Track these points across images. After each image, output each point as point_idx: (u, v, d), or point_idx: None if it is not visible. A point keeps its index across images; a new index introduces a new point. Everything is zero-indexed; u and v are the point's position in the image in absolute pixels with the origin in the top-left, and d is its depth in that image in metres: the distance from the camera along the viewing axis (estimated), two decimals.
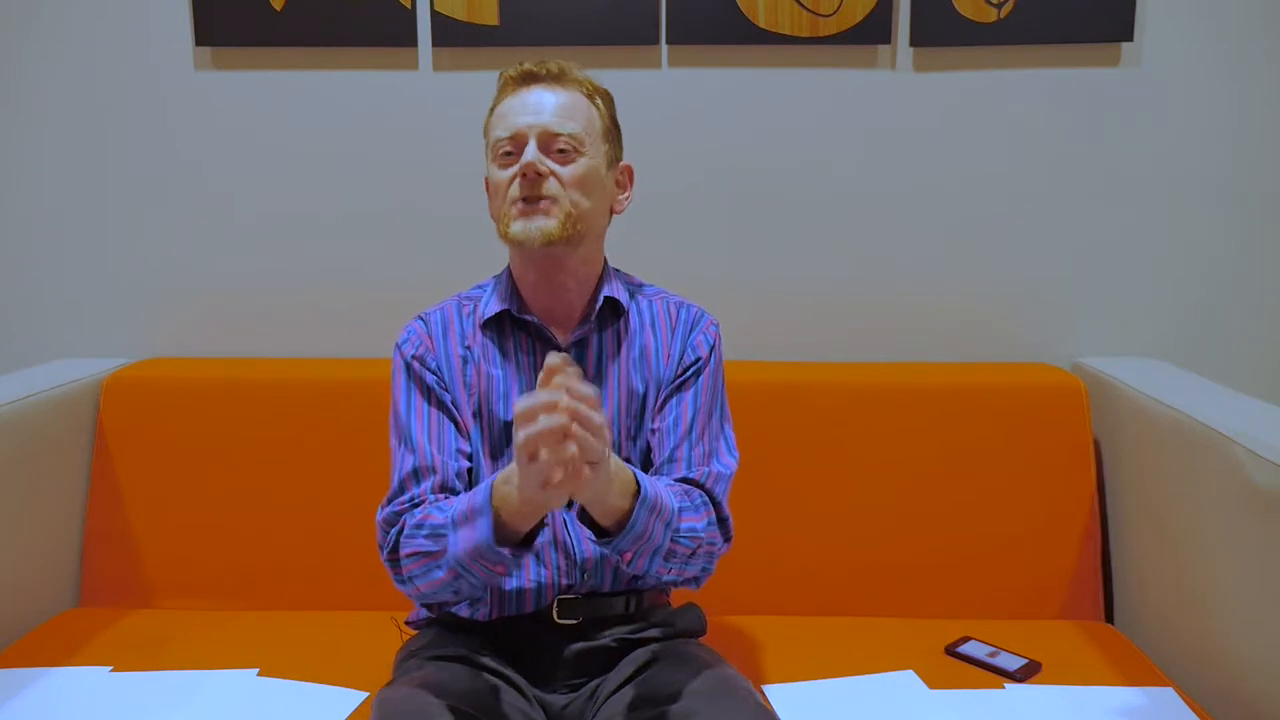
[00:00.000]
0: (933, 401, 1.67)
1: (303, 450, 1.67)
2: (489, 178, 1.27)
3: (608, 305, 1.30)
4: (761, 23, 1.76)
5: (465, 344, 1.30)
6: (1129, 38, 1.76)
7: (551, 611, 1.25)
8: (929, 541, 1.64)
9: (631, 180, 1.33)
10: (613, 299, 1.30)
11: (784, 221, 1.84)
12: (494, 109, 1.27)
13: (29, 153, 1.85)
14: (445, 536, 1.11)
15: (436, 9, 1.77)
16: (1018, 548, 1.63)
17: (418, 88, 1.82)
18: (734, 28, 1.76)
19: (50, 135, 1.84)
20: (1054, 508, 1.64)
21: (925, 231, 1.84)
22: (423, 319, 1.33)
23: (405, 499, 1.23)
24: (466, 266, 1.47)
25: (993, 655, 1.44)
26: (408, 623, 1.36)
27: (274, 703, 1.32)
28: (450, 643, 1.25)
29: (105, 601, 1.66)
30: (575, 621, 1.25)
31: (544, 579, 1.26)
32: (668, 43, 1.78)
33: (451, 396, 1.28)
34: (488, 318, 1.29)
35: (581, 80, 1.26)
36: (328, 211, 1.85)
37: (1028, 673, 1.40)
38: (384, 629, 1.48)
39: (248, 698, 1.33)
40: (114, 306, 1.89)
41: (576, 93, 1.24)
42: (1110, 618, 1.64)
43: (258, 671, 1.39)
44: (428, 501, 1.21)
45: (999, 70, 1.79)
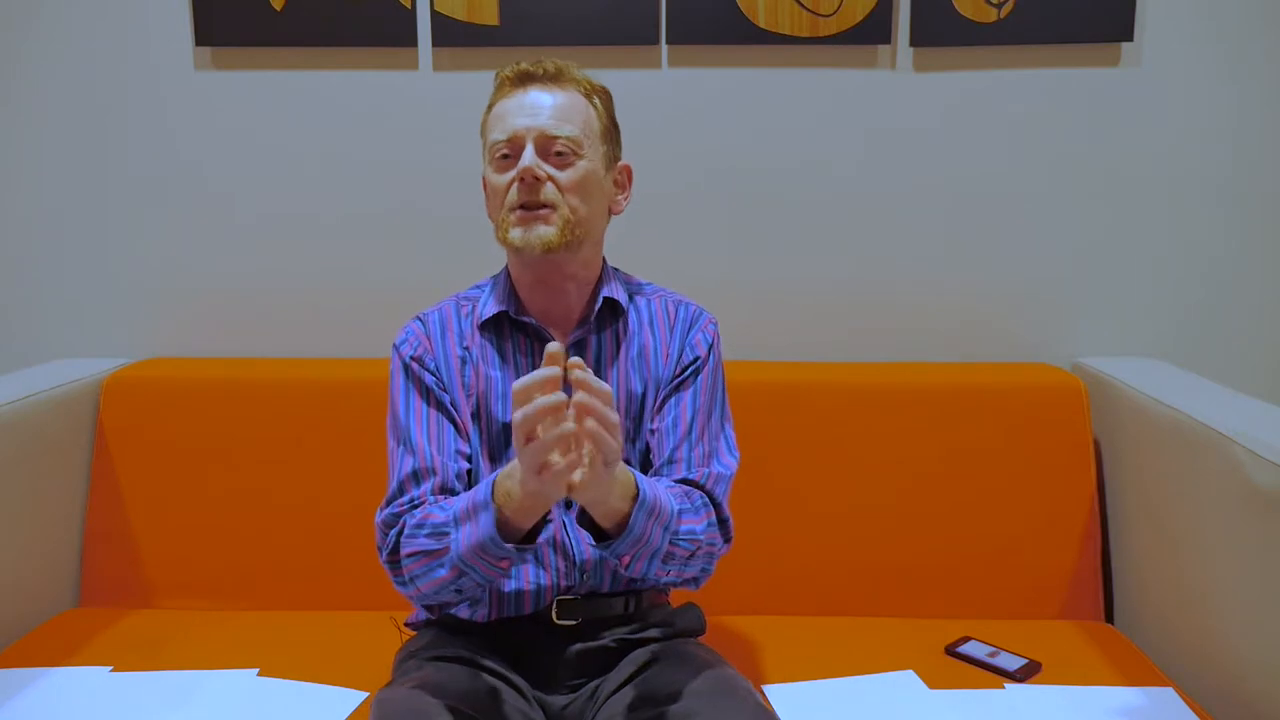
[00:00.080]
0: (933, 401, 1.67)
1: (303, 450, 1.67)
2: (486, 178, 1.26)
3: (606, 306, 1.29)
4: (761, 23, 1.76)
5: (464, 345, 1.29)
6: (1129, 38, 1.76)
7: (551, 612, 1.25)
8: (929, 541, 1.64)
9: (630, 180, 1.32)
10: (612, 300, 1.29)
11: (784, 221, 1.84)
12: (490, 108, 1.25)
13: (29, 153, 1.85)
14: (447, 535, 1.10)
15: (436, 9, 1.77)
16: (1018, 548, 1.63)
17: (418, 88, 1.82)
18: (734, 28, 1.76)
19: (50, 135, 1.84)
20: (1054, 508, 1.64)
21: (925, 231, 1.84)
22: (420, 319, 1.32)
23: (405, 500, 1.21)
24: (466, 266, 1.47)
25: (993, 655, 1.44)
26: (407, 624, 1.36)
27: (274, 703, 1.32)
28: (450, 644, 1.24)
29: (105, 601, 1.66)
30: (574, 622, 1.25)
31: (543, 581, 1.25)
32: (668, 43, 1.78)
33: (450, 397, 1.27)
34: (486, 319, 1.28)
35: (579, 79, 1.24)
36: (328, 211, 1.85)
37: (1028, 673, 1.40)
38: (384, 629, 1.48)
39: (248, 698, 1.33)
40: (114, 306, 1.89)
41: (574, 92, 1.23)
42: (1110, 618, 1.64)
43: (258, 671, 1.39)
44: (428, 503, 1.20)
45: (999, 70, 1.79)
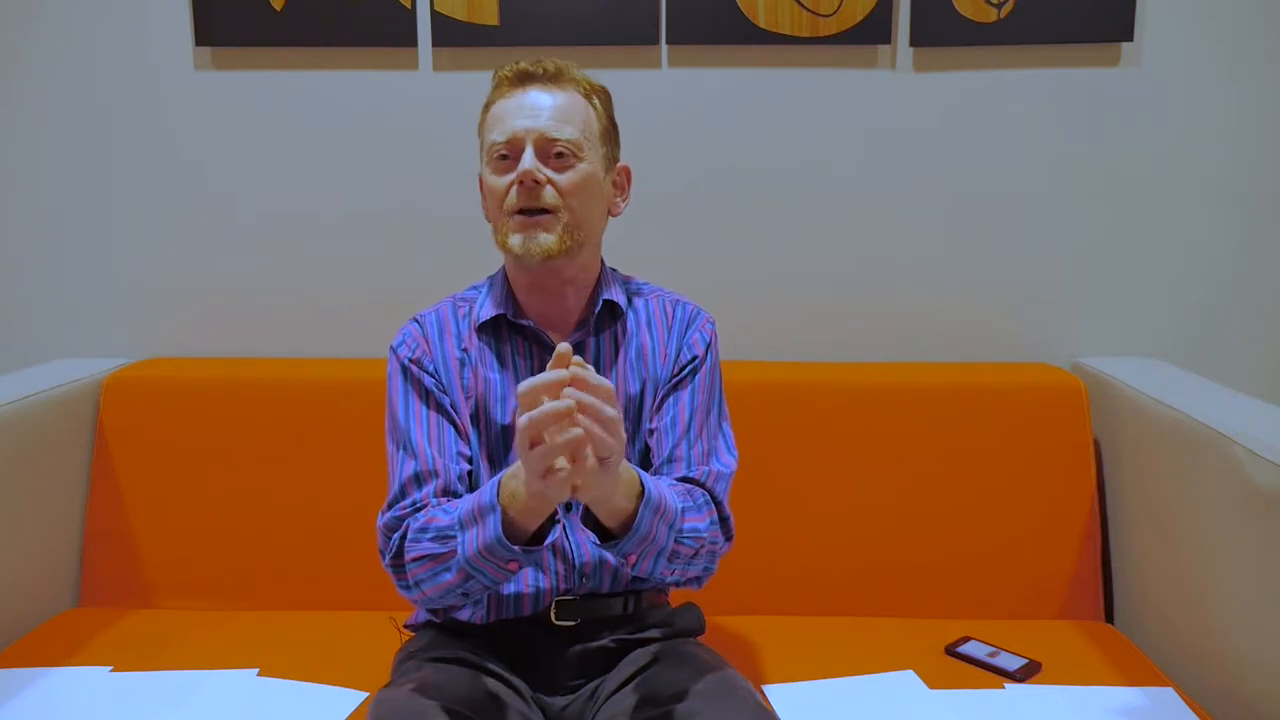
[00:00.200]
0: (933, 401, 1.67)
1: (303, 450, 1.67)
2: (483, 179, 1.25)
3: (605, 308, 1.29)
4: (761, 23, 1.76)
5: (462, 346, 1.28)
6: (1129, 38, 1.76)
7: (550, 613, 1.25)
8: (929, 541, 1.64)
9: (629, 182, 1.31)
10: (611, 302, 1.28)
11: (784, 221, 1.84)
12: (488, 108, 1.24)
13: (29, 153, 1.85)
14: (453, 538, 1.10)
15: (436, 9, 1.77)
16: (1018, 548, 1.63)
17: (418, 88, 1.82)
18: (734, 28, 1.76)
19: (50, 135, 1.84)
20: (1054, 508, 1.64)
21: (925, 231, 1.83)
22: (418, 321, 1.30)
23: (407, 504, 1.20)
24: (466, 266, 1.47)
25: (993, 655, 1.44)
26: (406, 625, 1.36)
27: (274, 703, 1.32)
28: (449, 645, 1.24)
29: (105, 601, 1.66)
30: (574, 623, 1.25)
31: (542, 584, 1.25)
32: (668, 43, 1.78)
33: (450, 399, 1.26)
34: (483, 321, 1.28)
35: (579, 80, 1.23)
36: (328, 211, 1.85)
37: (1028, 673, 1.40)
38: (384, 629, 1.48)
39: (248, 698, 1.33)
40: (114, 306, 1.89)
41: (574, 93, 1.22)
42: (1110, 618, 1.64)
43: (258, 671, 1.39)
44: (430, 505, 1.19)
45: (999, 70, 1.79)
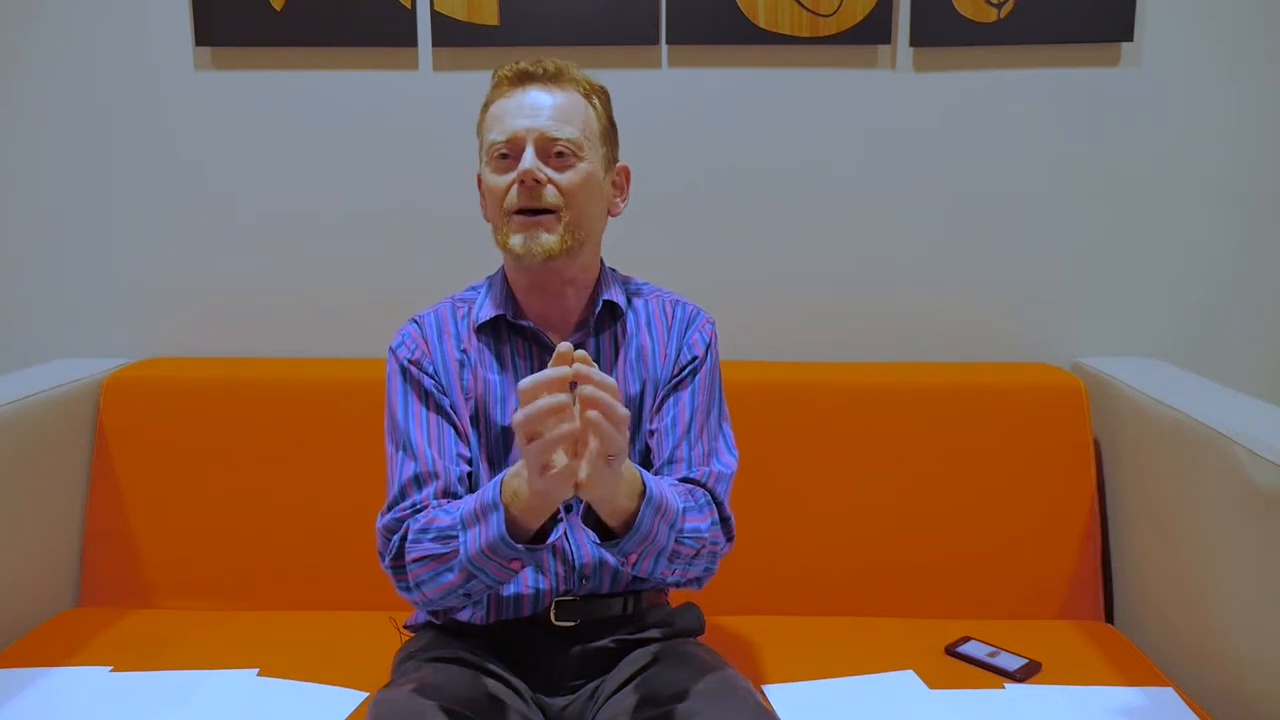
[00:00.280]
0: (933, 401, 1.67)
1: (303, 450, 1.67)
2: (483, 179, 1.25)
3: (605, 309, 1.29)
4: (761, 23, 1.76)
5: (461, 347, 1.28)
6: (1129, 38, 1.76)
7: (549, 614, 1.24)
8: (929, 541, 1.64)
9: (628, 182, 1.31)
10: (611, 303, 1.28)
11: (784, 221, 1.84)
12: (488, 107, 1.24)
13: (29, 153, 1.85)
14: (455, 538, 1.09)
15: (436, 9, 1.77)
16: (1018, 548, 1.63)
17: (418, 88, 1.82)
18: (734, 28, 1.76)
19: (50, 135, 1.84)
20: (1054, 508, 1.64)
21: (925, 231, 1.83)
22: (416, 322, 1.30)
23: (407, 505, 1.20)
24: (466, 266, 1.47)
25: (993, 655, 1.44)
26: (406, 625, 1.36)
27: (274, 703, 1.32)
28: (449, 645, 1.24)
29: (105, 601, 1.66)
30: (573, 623, 1.25)
31: (542, 585, 1.25)
32: (668, 43, 1.78)
33: (450, 400, 1.26)
34: (483, 322, 1.27)
35: (579, 79, 1.23)
36: (328, 211, 1.85)
37: (1028, 673, 1.40)
38: (384, 629, 1.48)
39: (248, 698, 1.33)
40: (114, 306, 1.89)
41: (574, 92, 1.22)
42: (1110, 618, 1.64)
43: (258, 671, 1.39)
44: (431, 507, 1.19)
45: (999, 70, 1.79)
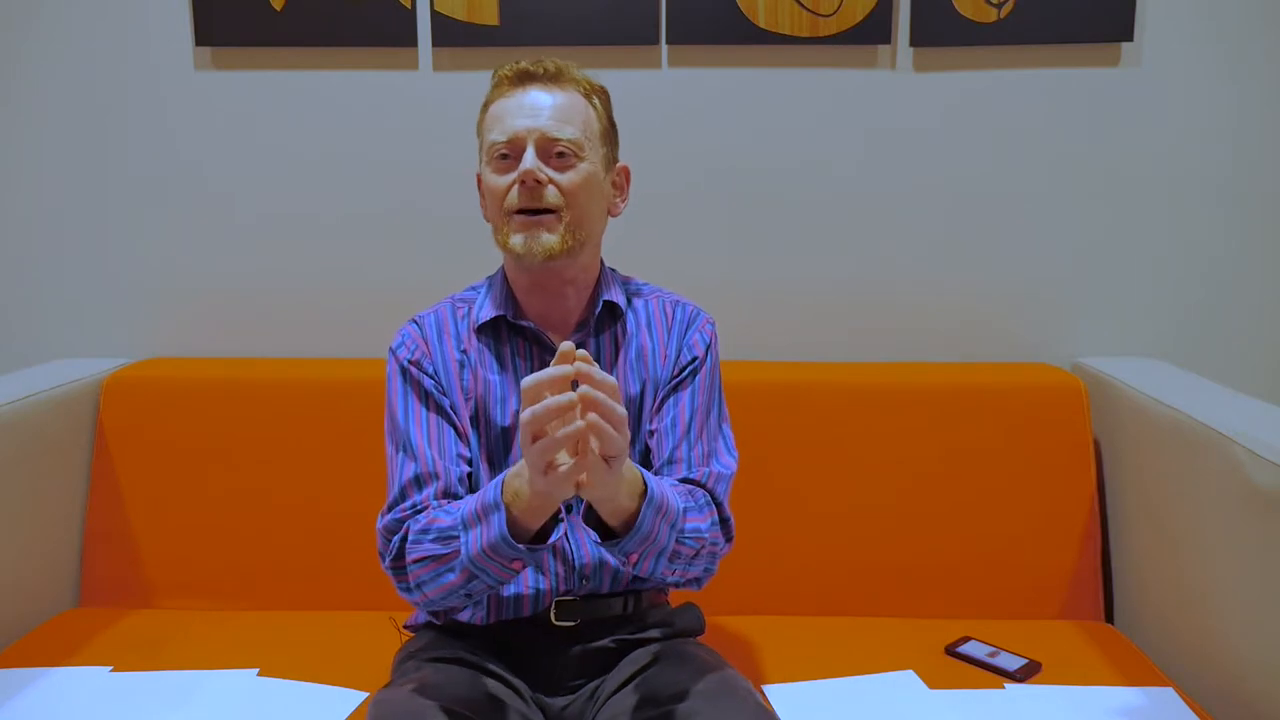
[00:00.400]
0: (933, 401, 1.67)
1: (303, 450, 1.67)
2: (483, 179, 1.25)
3: (606, 309, 1.29)
4: (761, 23, 1.76)
5: (461, 348, 1.28)
6: (1129, 38, 1.76)
7: (550, 614, 1.24)
8: (929, 541, 1.64)
9: (628, 182, 1.31)
10: (611, 303, 1.28)
11: (784, 221, 1.84)
12: (488, 107, 1.24)
13: (29, 153, 1.85)
14: (456, 539, 1.09)
15: (436, 9, 1.77)
16: (1018, 548, 1.63)
17: (418, 88, 1.82)
18: (734, 28, 1.76)
19: (50, 135, 1.84)
20: (1054, 508, 1.64)
21: (925, 231, 1.83)
22: (416, 322, 1.30)
23: (407, 506, 1.20)
24: (466, 266, 1.47)
25: (993, 655, 1.44)
26: (406, 626, 1.36)
27: (274, 703, 1.32)
28: (449, 645, 1.24)
29: (105, 601, 1.66)
30: (574, 623, 1.25)
31: (542, 585, 1.25)
32: (668, 43, 1.78)
33: (450, 401, 1.26)
34: (483, 322, 1.27)
35: (579, 79, 1.23)
36: (328, 211, 1.85)
37: (1028, 673, 1.40)
38: (384, 629, 1.48)
39: (248, 698, 1.33)
40: (114, 306, 1.89)
41: (574, 92, 1.22)
42: (1110, 618, 1.64)
43: (258, 671, 1.39)
44: (431, 507, 1.19)
45: (999, 70, 1.79)
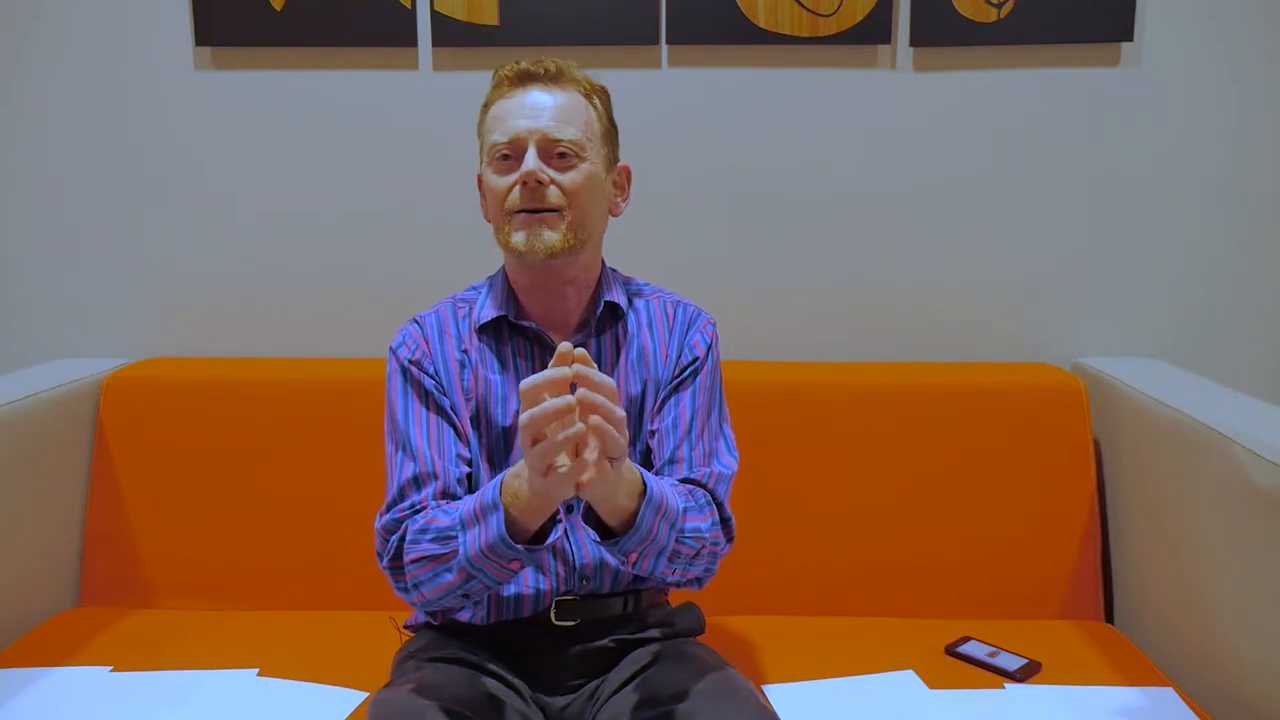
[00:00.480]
0: (933, 401, 1.67)
1: (302, 450, 1.67)
2: (484, 179, 1.25)
3: (607, 309, 1.29)
4: (761, 23, 1.76)
5: (462, 348, 1.28)
6: (1129, 38, 1.76)
7: (550, 614, 1.24)
8: (929, 541, 1.64)
9: (629, 182, 1.31)
10: (612, 303, 1.28)
11: (784, 221, 1.84)
12: (488, 107, 1.24)
13: (29, 153, 1.85)
14: (454, 538, 1.09)
15: (436, 9, 1.77)
16: (1018, 548, 1.63)
17: (418, 88, 1.82)
18: (734, 28, 1.76)
19: (50, 135, 1.84)
20: (1054, 508, 1.64)
21: (925, 231, 1.83)
22: (417, 322, 1.30)
23: (406, 506, 1.20)
24: (466, 267, 1.47)
25: (993, 655, 1.44)
26: (406, 626, 1.36)
27: (274, 703, 1.32)
28: (448, 645, 1.24)
29: (105, 601, 1.66)
30: (574, 623, 1.25)
31: (542, 585, 1.25)
32: (668, 43, 1.78)
33: (450, 401, 1.26)
34: (484, 322, 1.27)
35: (580, 80, 1.23)
36: (328, 211, 1.85)
37: (1028, 673, 1.40)
38: (384, 629, 1.48)
39: (248, 698, 1.33)
40: (114, 306, 1.89)
41: (575, 93, 1.22)
42: (1110, 618, 1.64)
43: (258, 671, 1.39)
44: (429, 508, 1.19)
45: (999, 70, 1.79)
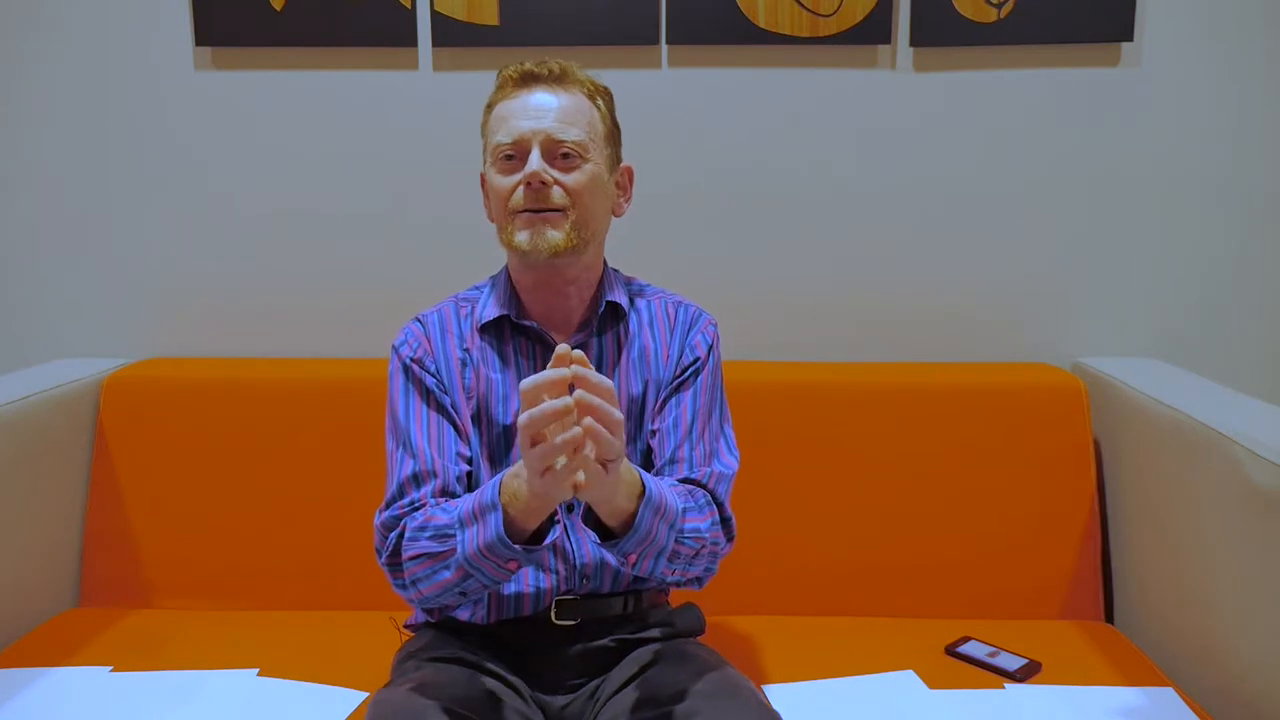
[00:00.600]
0: (933, 401, 1.67)
1: (302, 450, 1.67)
2: (487, 179, 1.25)
3: (608, 309, 1.29)
4: (761, 23, 1.76)
5: (464, 347, 1.28)
6: (1129, 38, 1.76)
7: (550, 613, 1.25)
8: (929, 541, 1.64)
9: (631, 182, 1.31)
10: (614, 303, 1.29)
11: (784, 221, 1.84)
12: (492, 108, 1.24)
13: (29, 153, 1.85)
14: (452, 537, 1.10)
15: (436, 9, 1.77)
16: (1018, 548, 1.63)
17: (418, 88, 1.82)
18: (734, 28, 1.76)
19: (50, 135, 1.84)
20: (1054, 508, 1.64)
21: (925, 231, 1.83)
22: (420, 321, 1.31)
23: (405, 503, 1.20)
24: (466, 266, 1.47)
25: (993, 655, 1.44)
26: (406, 625, 1.36)
27: (274, 703, 1.32)
28: (449, 645, 1.24)
29: (105, 601, 1.66)
30: (574, 622, 1.25)
31: (543, 584, 1.25)
32: (668, 43, 1.78)
33: (451, 399, 1.26)
34: (486, 321, 1.28)
35: (583, 80, 1.24)
36: (328, 211, 1.85)
37: (1028, 673, 1.40)
38: (384, 629, 1.48)
39: (248, 698, 1.33)
40: (114, 306, 1.89)
41: (578, 94, 1.22)
42: (1110, 618, 1.64)
43: (258, 671, 1.39)
44: (429, 505, 1.19)
45: (999, 70, 1.79)
